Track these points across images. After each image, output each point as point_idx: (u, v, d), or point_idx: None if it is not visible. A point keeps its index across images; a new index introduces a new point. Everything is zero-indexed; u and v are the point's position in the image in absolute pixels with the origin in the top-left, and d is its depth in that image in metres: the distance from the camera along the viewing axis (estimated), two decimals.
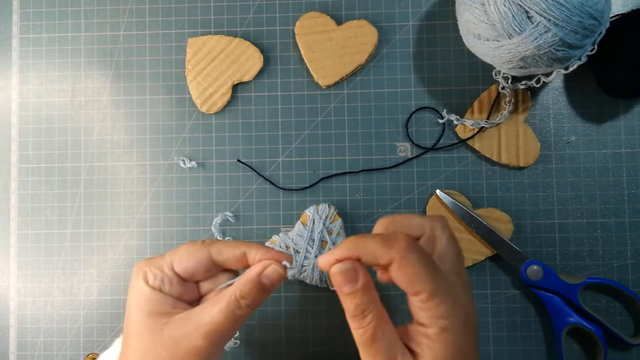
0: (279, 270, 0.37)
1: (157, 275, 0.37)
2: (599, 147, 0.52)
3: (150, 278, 0.37)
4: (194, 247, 0.38)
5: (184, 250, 0.38)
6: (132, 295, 0.38)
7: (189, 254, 0.38)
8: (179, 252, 0.38)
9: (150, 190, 0.54)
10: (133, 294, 0.38)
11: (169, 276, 0.38)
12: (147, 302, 0.37)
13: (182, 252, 0.38)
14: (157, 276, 0.37)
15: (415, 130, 0.53)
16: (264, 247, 0.39)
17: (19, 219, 0.54)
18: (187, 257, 0.38)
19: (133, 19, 0.55)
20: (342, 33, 0.52)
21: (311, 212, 0.51)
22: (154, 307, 0.37)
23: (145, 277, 0.37)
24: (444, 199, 0.51)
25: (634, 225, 0.51)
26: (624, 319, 0.51)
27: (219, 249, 0.38)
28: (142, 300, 0.37)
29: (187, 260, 0.38)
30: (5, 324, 0.54)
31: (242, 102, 0.54)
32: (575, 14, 0.41)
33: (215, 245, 0.38)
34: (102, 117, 0.55)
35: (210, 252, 0.38)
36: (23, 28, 0.55)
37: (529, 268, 0.49)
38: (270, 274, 0.37)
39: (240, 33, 0.54)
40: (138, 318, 0.37)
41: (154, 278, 0.37)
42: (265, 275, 0.37)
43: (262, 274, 0.37)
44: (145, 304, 0.37)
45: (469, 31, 0.45)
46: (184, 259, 0.38)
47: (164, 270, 0.38)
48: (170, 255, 0.38)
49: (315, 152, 0.53)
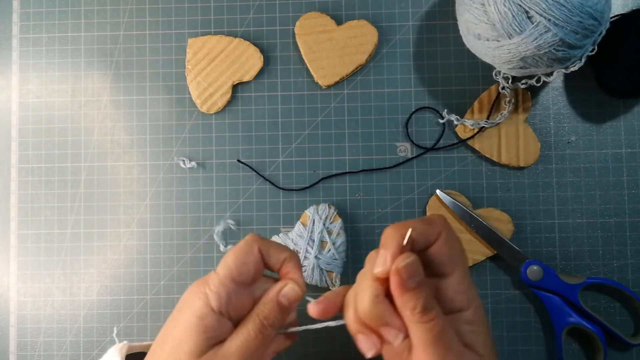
0: (296, 289, 0.38)
1: (221, 293, 0.36)
2: (599, 147, 0.52)
3: (213, 299, 0.36)
4: (240, 251, 0.37)
5: (233, 257, 0.37)
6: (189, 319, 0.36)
7: (240, 260, 0.37)
8: (229, 262, 0.37)
9: (150, 190, 0.54)
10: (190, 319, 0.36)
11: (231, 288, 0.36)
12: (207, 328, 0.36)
13: (231, 260, 0.37)
14: (220, 295, 0.36)
15: (415, 130, 0.53)
16: (298, 262, 0.39)
17: (19, 219, 0.54)
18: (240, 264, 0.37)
19: (133, 19, 0.55)
20: (342, 33, 0.52)
21: (311, 212, 0.51)
22: (212, 334, 0.36)
23: (206, 299, 0.36)
24: (444, 199, 0.51)
25: (634, 225, 0.51)
26: (624, 319, 0.51)
27: (267, 248, 0.38)
28: (201, 326, 0.36)
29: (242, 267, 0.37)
30: (5, 324, 0.54)
31: (242, 102, 0.54)
32: (575, 14, 0.41)
33: (260, 242, 0.38)
34: (102, 117, 0.55)
35: (261, 252, 0.38)
36: (23, 28, 0.55)
37: (529, 268, 0.49)
38: (288, 293, 0.38)
39: (240, 33, 0.54)
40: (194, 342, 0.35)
41: (217, 298, 0.36)
42: (284, 295, 0.38)
43: (280, 294, 0.38)
44: (205, 331, 0.36)
45: (469, 31, 0.45)
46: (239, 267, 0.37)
47: (225, 284, 0.36)
48: (223, 270, 0.37)
49: (315, 152, 0.53)
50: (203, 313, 0.36)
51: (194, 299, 0.36)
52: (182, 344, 0.36)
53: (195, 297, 0.36)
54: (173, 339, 0.36)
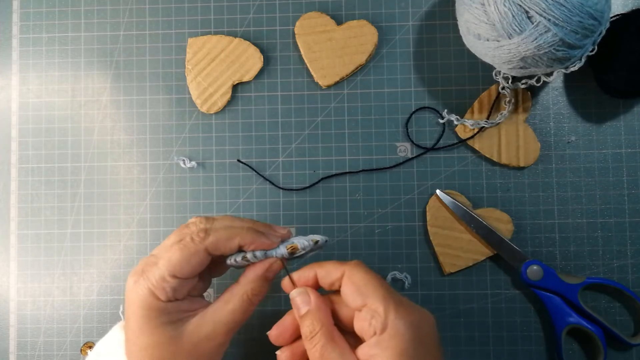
0: (279, 262, 0.40)
1: (165, 288, 0.37)
2: (599, 147, 0.52)
3: (160, 293, 0.37)
4: (187, 251, 0.37)
5: (179, 256, 0.37)
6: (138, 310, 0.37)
7: (185, 260, 0.37)
8: (173, 260, 0.37)
9: (150, 190, 0.54)
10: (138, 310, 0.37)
11: (174, 284, 0.37)
12: (160, 314, 0.37)
13: (176, 258, 0.37)
14: (165, 289, 0.37)
15: (415, 130, 0.53)
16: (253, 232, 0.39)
17: (19, 219, 0.54)
18: (185, 264, 0.37)
19: (133, 19, 0.55)
20: (342, 33, 0.52)
21: None
22: (168, 319, 0.37)
23: (151, 292, 0.37)
24: (444, 199, 0.51)
25: (634, 225, 0.51)
26: (624, 319, 0.51)
27: (215, 245, 0.38)
28: (152, 315, 0.37)
29: (187, 266, 0.37)
30: (5, 324, 0.54)
31: (242, 102, 0.54)
32: (575, 14, 0.41)
33: (209, 240, 0.38)
34: (102, 117, 0.55)
35: (207, 250, 0.38)
36: (23, 28, 0.55)
37: (529, 268, 0.49)
38: (275, 269, 0.40)
39: (240, 33, 0.54)
40: (150, 330, 0.37)
41: (163, 292, 0.37)
42: (270, 270, 0.40)
43: (268, 270, 0.40)
44: (158, 317, 0.37)
45: (469, 31, 0.45)
46: (184, 267, 0.37)
47: (167, 280, 0.37)
48: (166, 265, 0.37)
49: (315, 152, 0.53)
50: (151, 304, 0.37)
51: (138, 289, 0.37)
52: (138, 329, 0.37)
53: (139, 287, 0.37)
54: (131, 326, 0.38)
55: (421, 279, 0.52)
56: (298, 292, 0.38)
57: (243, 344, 0.53)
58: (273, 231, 0.41)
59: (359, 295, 0.36)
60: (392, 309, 0.35)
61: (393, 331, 0.34)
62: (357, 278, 0.37)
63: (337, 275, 0.38)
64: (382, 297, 0.35)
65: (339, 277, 0.38)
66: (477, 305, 0.51)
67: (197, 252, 0.38)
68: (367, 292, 0.36)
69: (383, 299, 0.35)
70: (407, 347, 0.34)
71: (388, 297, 0.35)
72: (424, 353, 0.35)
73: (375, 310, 0.35)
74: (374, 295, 0.35)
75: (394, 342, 0.34)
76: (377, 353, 0.34)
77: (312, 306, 0.37)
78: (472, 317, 0.51)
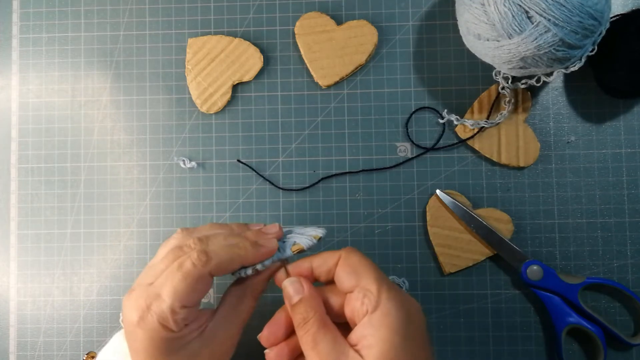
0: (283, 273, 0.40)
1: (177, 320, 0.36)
2: (599, 147, 0.52)
3: (173, 326, 0.36)
4: (192, 279, 0.36)
5: (184, 287, 0.36)
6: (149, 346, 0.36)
7: (191, 289, 0.36)
8: (180, 290, 0.36)
9: (150, 190, 0.54)
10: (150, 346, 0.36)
11: (185, 314, 0.37)
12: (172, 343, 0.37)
13: (182, 289, 0.36)
14: (177, 321, 0.36)
15: (415, 130, 0.53)
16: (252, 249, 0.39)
17: (19, 219, 0.54)
18: (192, 292, 0.37)
19: (133, 19, 0.55)
20: (342, 33, 0.52)
21: None
22: (180, 344, 0.37)
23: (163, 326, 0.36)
24: (444, 199, 0.51)
25: (634, 225, 0.51)
26: (624, 319, 0.51)
27: (218, 269, 0.37)
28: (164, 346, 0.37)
29: (194, 294, 0.37)
30: (5, 324, 0.54)
31: (242, 102, 0.54)
32: (575, 14, 0.41)
33: (211, 266, 0.37)
34: (102, 117, 0.55)
35: (210, 274, 0.37)
36: (23, 28, 0.55)
37: (529, 268, 0.49)
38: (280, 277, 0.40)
39: (240, 33, 0.54)
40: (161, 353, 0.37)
41: (175, 324, 0.36)
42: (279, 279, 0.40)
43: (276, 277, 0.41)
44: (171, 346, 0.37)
45: (469, 31, 0.45)
46: (191, 295, 0.37)
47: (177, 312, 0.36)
48: (172, 298, 0.36)
49: (315, 152, 0.53)
50: (162, 337, 0.36)
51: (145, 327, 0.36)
52: None
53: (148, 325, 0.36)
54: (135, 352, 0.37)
55: (421, 279, 0.52)
56: (291, 281, 0.39)
57: (243, 345, 0.52)
58: (266, 235, 0.40)
59: (354, 275, 0.37)
60: (384, 290, 0.36)
61: (385, 309, 0.35)
62: (352, 260, 0.38)
63: (334, 260, 0.38)
64: (375, 278, 0.36)
65: (335, 262, 0.38)
66: (477, 305, 0.51)
67: (202, 278, 0.37)
68: (361, 272, 0.37)
69: (376, 280, 0.36)
70: (398, 326, 0.35)
71: (380, 279, 0.37)
72: (414, 333, 0.36)
73: (369, 289, 0.36)
74: (368, 275, 0.37)
75: (387, 320, 0.35)
76: (370, 333, 0.35)
77: (305, 293, 0.38)
78: (472, 317, 0.51)
